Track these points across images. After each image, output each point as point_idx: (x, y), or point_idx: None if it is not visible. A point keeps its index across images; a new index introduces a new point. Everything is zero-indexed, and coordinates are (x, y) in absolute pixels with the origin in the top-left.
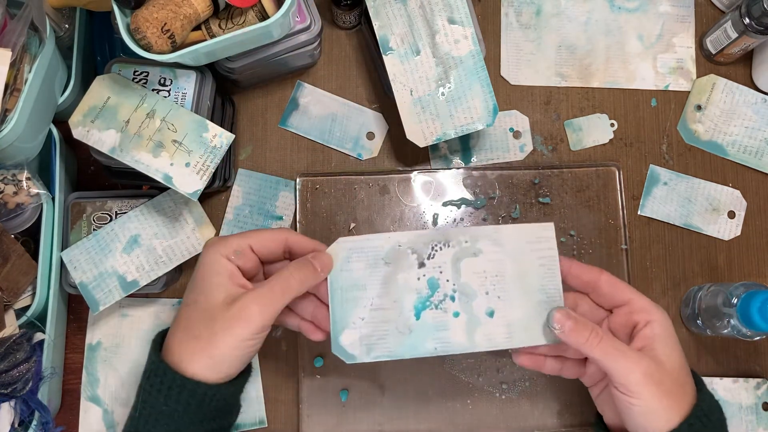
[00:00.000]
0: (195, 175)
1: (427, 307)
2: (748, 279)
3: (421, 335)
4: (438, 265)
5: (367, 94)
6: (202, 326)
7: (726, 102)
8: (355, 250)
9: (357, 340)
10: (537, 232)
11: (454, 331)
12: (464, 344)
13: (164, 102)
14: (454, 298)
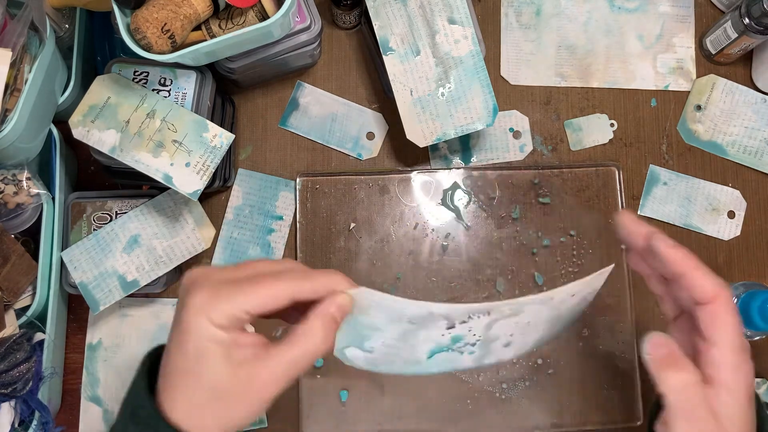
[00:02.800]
0: (195, 175)
1: (443, 351)
2: (748, 279)
3: (427, 367)
4: (470, 327)
5: (367, 94)
6: (206, 400)
7: (726, 102)
8: (378, 303)
9: (362, 358)
10: (592, 284)
11: (463, 361)
12: (470, 366)
13: (164, 102)
14: (474, 345)
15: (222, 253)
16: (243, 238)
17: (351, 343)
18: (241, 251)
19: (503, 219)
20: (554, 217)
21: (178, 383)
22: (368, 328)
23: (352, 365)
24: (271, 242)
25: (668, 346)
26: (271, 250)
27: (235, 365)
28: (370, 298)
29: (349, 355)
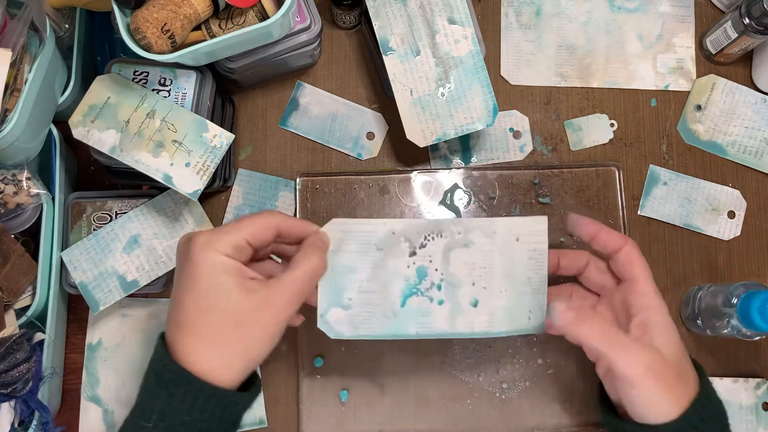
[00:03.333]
0: (195, 175)
1: (413, 294)
2: (748, 279)
3: (404, 320)
4: (429, 255)
5: (367, 94)
6: (230, 332)
7: (726, 102)
8: (348, 232)
9: (343, 317)
10: (530, 225)
11: (436, 317)
12: (445, 330)
13: (164, 102)
14: (441, 287)
15: None
16: None
17: (331, 301)
18: None
19: None
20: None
21: (198, 324)
22: (343, 272)
23: (337, 335)
24: None
25: (572, 308)
26: None
27: (249, 291)
28: (339, 227)
29: (332, 320)
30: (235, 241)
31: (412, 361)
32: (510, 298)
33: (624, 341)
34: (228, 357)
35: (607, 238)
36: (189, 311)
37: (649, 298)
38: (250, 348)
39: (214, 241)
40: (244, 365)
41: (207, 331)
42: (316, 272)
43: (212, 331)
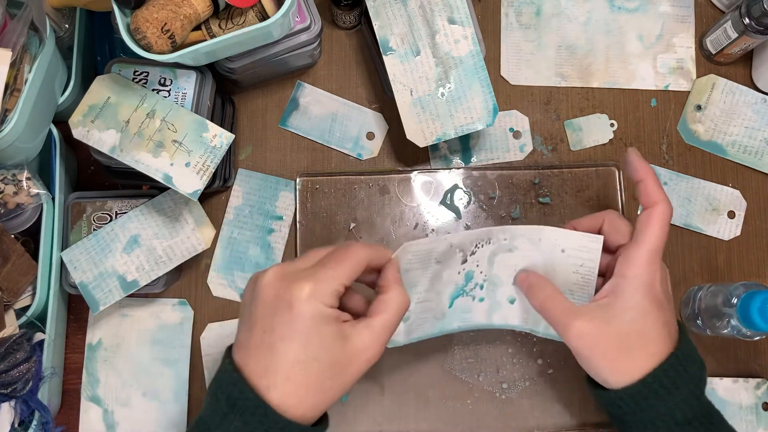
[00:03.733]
0: (195, 175)
1: (459, 295)
2: (748, 279)
3: (450, 318)
4: (477, 260)
5: (367, 94)
6: (329, 380)
7: (726, 102)
8: (416, 253)
9: (401, 329)
10: (581, 241)
11: (476, 312)
12: (482, 322)
13: (164, 102)
14: (483, 287)
15: (222, 253)
16: (243, 238)
17: None
18: (241, 251)
19: (503, 219)
20: (554, 217)
21: (296, 374)
22: (407, 285)
23: (393, 344)
24: (271, 242)
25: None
26: (271, 250)
27: (345, 339)
28: (410, 250)
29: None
30: (337, 290)
31: (412, 361)
32: None
33: (566, 311)
34: (321, 402)
35: (648, 189)
36: (287, 361)
37: (632, 266)
38: (342, 392)
39: (319, 293)
40: (330, 405)
41: (305, 380)
42: (403, 309)
43: (310, 380)
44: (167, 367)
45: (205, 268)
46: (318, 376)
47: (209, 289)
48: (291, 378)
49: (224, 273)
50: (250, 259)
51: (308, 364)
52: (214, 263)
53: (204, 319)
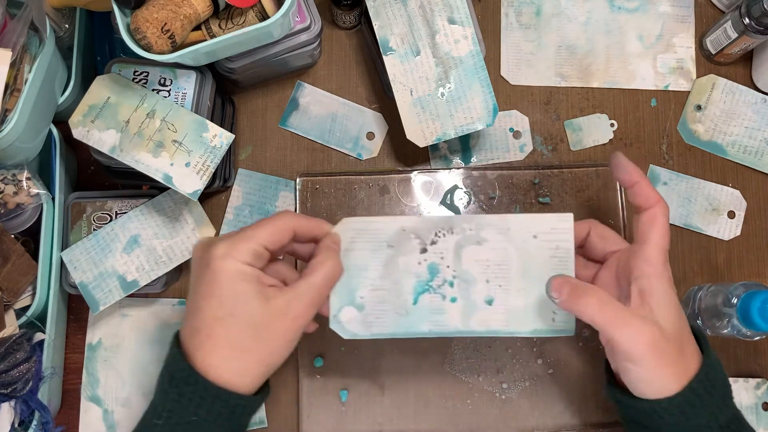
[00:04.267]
0: (195, 175)
1: (425, 291)
2: (748, 279)
3: (417, 318)
4: (440, 252)
5: (367, 94)
6: (249, 339)
7: (726, 102)
8: (359, 231)
9: (356, 317)
10: (551, 222)
11: (450, 315)
12: (459, 328)
13: (164, 102)
14: (453, 284)
15: None
16: None
17: (342, 301)
18: None
19: None
20: None
21: (216, 331)
22: (355, 271)
23: (351, 335)
24: None
25: (569, 282)
26: None
27: (268, 299)
28: (350, 226)
29: (344, 320)
30: (254, 249)
31: (412, 361)
32: (529, 297)
33: (624, 315)
34: (245, 364)
35: (643, 191)
36: (207, 318)
37: (652, 265)
38: (268, 355)
39: (234, 250)
40: (261, 371)
41: (225, 338)
42: (333, 277)
43: (230, 339)
44: None
45: None
46: (238, 335)
47: None
48: (211, 336)
49: None
50: None
51: (226, 321)
52: None
53: None
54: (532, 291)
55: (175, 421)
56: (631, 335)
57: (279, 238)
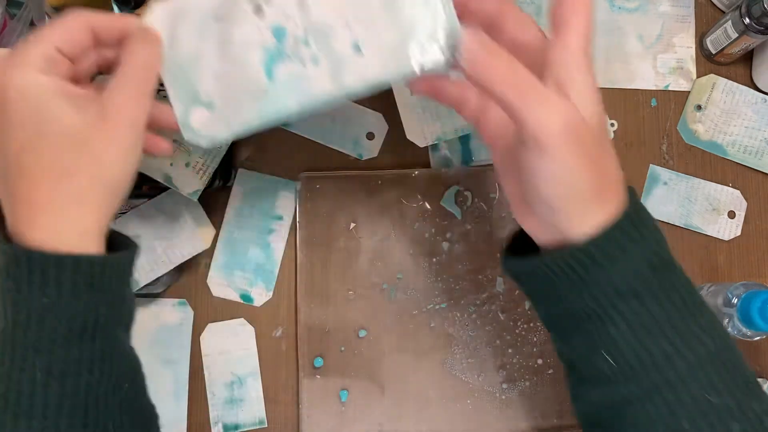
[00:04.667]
0: (195, 175)
1: (277, 60)
2: (748, 279)
3: (278, 95)
4: (279, 6)
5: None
6: (72, 159)
7: (726, 102)
8: (177, 16)
9: (208, 118)
10: None
11: (317, 79)
12: (331, 91)
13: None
14: (308, 42)
15: (222, 253)
16: (243, 238)
17: (187, 103)
18: (241, 251)
19: (503, 219)
20: None
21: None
22: (188, 64)
23: (210, 140)
24: (271, 242)
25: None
26: (271, 250)
27: (81, 108)
28: (164, 12)
29: (197, 126)
30: (44, 52)
31: (412, 361)
32: (402, 28)
33: (539, 90)
34: (81, 190)
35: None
36: (9, 155)
37: (572, 53)
38: (109, 167)
39: (17, 59)
40: (100, 207)
41: (39, 168)
42: (149, 63)
43: (47, 166)
44: (167, 368)
45: (205, 268)
46: (54, 158)
47: (209, 289)
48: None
49: (224, 273)
50: (250, 259)
51: (34, 143)
52: (214, 263)
53: (204, 319)
54: (401, 16)
55: (24, 314)
56: (546, 114)
57: (74, 38)
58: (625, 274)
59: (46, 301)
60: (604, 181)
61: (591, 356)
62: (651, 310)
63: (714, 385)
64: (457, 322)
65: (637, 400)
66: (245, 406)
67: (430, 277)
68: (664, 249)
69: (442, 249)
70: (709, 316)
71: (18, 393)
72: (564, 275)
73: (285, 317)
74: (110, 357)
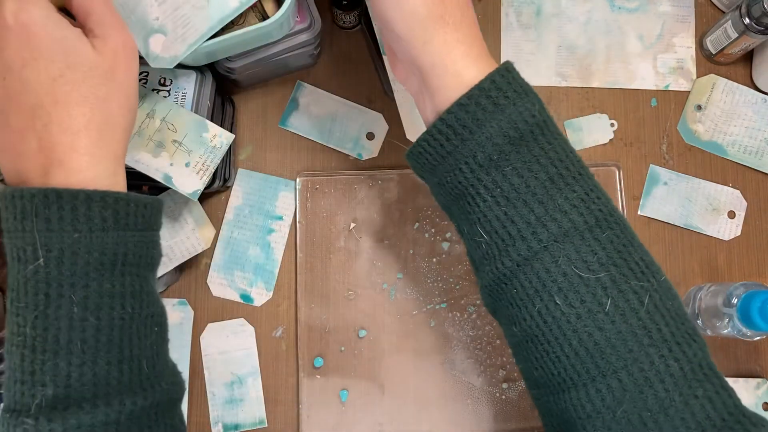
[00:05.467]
0: (195, 175)
1: None
2: (748, 279)
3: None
4: None
5: (367, 94)
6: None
7: (726, 102)
8: None
9: (165, 41)
10: None
11: None
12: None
13: (164, 102)
14: None
15: (222, 253)
16: (243, 238)
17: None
18: (241, 251)
19: None
20: None
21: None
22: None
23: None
24: (271, 242)
25: None
26: (271, 250)
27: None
28: None
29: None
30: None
31: (412, 361)
32: None
33: None
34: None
35: None
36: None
37: None
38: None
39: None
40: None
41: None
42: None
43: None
44: None
45: (205, 268)
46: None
47: (209, 289)
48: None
49: (224, 273)
50: (250, 259)
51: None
52: (214, 263)
53: (204, 319)
54: None
55: (57, 251)
56: None
57: None
58: (484, 146)
59: (77, 236)
60: (446, 5)
61: (474, 236)
62: (512, 181)
63: (584, 259)
64: (457, 322)
65: (512, 273)
66: (245, 406)
67: (430, 277)
68: (529, 118)
69: (442, 249)
70: (585, 193)
71: (57, 330)
72: (433, 150)
73: (285, 317)
74: (140, 295)
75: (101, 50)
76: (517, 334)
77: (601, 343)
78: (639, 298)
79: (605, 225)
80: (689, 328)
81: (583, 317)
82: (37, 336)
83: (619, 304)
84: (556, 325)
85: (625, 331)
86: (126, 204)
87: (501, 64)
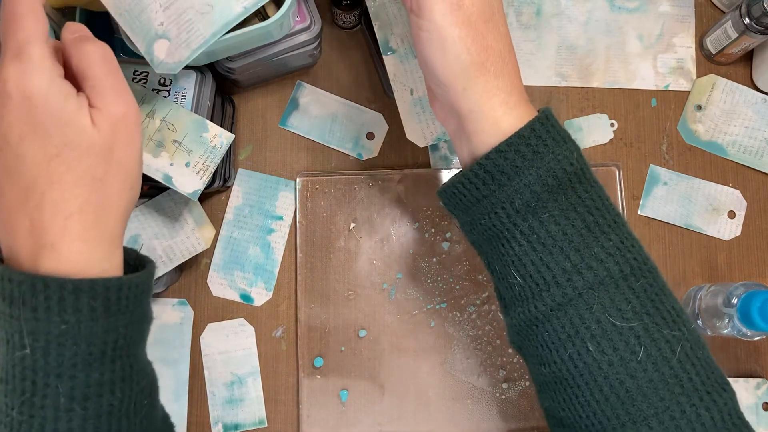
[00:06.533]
0: (195, 175)
1: None
2: (748, 279)
3: (222, 3)
4: None
5: (367, 94)
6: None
7: (726, 102)
8: None
9: (169, 46)
10: None
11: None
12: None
13: (164, 102)
14: None
15: (222, 253)
16: (243, 238)
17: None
18: (241, 251)
19: None
20: None
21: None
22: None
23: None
24: (271, 242)
25: None
26: (271, 250)
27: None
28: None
29: (162, 57)
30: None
31: (412, 361)
32: None
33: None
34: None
35: None
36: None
37: None
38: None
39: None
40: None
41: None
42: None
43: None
44: (167, 367)
45: (205, 268)
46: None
47: (209, 289)
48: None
49: (224, 273)
50: (250, 259)
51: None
52: (214, 263)
53: (204, 319)
54: None
55: (43, 341)
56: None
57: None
58: (522, 192)
59: (64, 328)
60: (488, 53)
61: (507, 277)
62: (549, 228)
63: (619, 308)
64: (457, 322)
65: (545, 317)
66: (245, 406)
67: (430, 277)
68: (567, 166)
69: (442, 249)
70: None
71: (42, 419)
72: (468, 192)
73: (285, 317)
74: (130, 376)
75: (99, 125)
76: (546, 374)
77: (632, 390)
78: (671, 348)
79: (639, 274)
80: (719, 377)
81: (616, 364)
82: (23, 421)
83: (651, 353)
84: (587, 370)
85: (657, 380)
86: (117, 290)
87: (540, 112)
